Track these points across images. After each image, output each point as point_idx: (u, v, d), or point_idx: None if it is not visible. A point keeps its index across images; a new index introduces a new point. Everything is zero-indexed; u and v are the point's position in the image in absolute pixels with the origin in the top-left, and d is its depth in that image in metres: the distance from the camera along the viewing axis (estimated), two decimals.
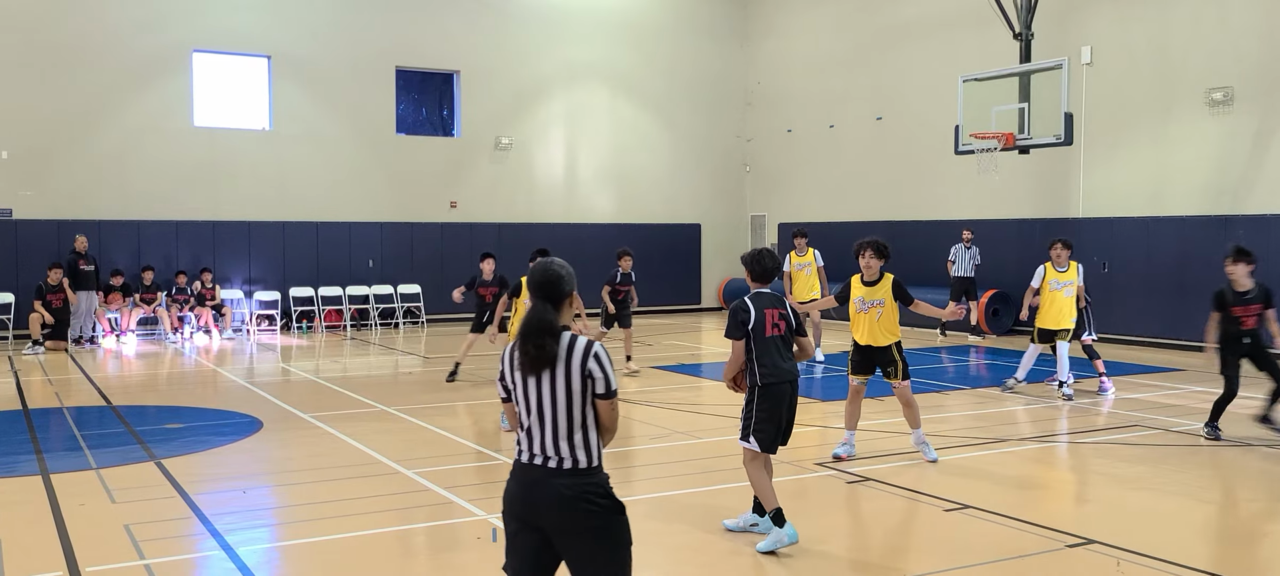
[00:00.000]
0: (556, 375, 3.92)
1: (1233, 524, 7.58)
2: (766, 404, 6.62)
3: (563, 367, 3.92)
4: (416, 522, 7.45)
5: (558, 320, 3.95)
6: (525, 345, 3.91)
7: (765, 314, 6.58)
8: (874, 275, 8.85)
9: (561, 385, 3.92)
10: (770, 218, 26.82)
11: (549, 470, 3.93)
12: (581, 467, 3.93)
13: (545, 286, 3.99)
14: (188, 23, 21.56)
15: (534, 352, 3.89)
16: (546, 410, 3.93)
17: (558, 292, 3.98)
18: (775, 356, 6.59)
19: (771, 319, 6.58)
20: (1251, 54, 16.72)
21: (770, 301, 6.64)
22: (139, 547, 6.68)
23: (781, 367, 6.60)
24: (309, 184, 22.66)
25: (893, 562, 6.53)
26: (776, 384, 6.60)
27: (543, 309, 3.95)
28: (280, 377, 15.33)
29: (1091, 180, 19.13)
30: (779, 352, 6.60)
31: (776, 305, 6.64)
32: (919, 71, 22.12)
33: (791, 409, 6.74)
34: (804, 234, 15.57)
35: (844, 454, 9.05)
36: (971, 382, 14.12)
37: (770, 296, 6.67)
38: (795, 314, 6.78)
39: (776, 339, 6.59)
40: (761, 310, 6.58)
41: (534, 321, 3.93)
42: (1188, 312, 17.25)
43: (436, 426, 10.90)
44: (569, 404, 3.92)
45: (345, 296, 22.68)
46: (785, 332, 6.62)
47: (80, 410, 12.22)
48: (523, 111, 24.85)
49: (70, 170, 20.70)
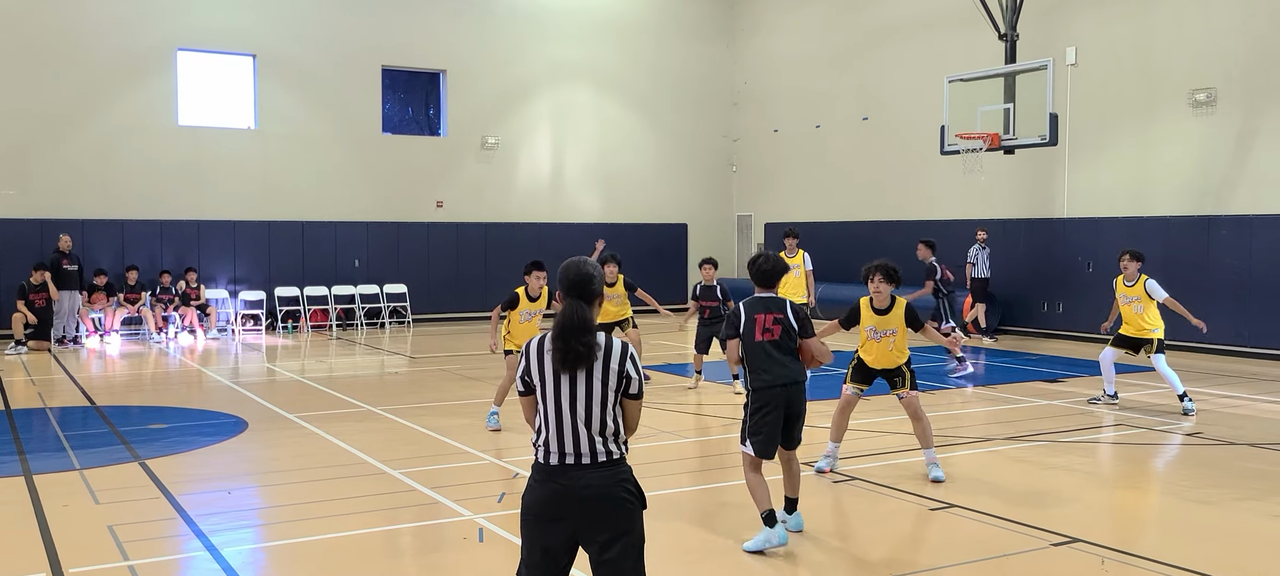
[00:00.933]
0: (592, 373, 3.99)
1: (1216, 521, 7.62)
2: (759, 408, 6.62)
3: (600, 367, 3.99)
4: (403, 523, 7.43)
5: (594, 319, 4.04)
6: (568, 343, 3.96)
7: (756, 318, 6.60)
8: (885, 302, 8.29)
9: (597, 383, 3.99)
10: (757, 217, 26.86)
11: (583, 466, 3.99)
12: (614, 459, 4.03)
13: (579, 284, 4.07)
14: (172, 21, 21.46)
15: (580, 350, 3.96)
16: (579, 407, 3.98)
17: (590, 291, 4.07)
18: (765, 360, 6.59)
19: (762, 323, 6.59)
20: (1234, 55, 16.83)
21: (764, 305, 6.65)
22: (123, 549, 6.64)
23: (774, 372, 6.59)
24: (294, 183, 22.58)
25: (878, 562, 6.54)
26: (767, 388, 6.60)
27: (579, 307, 4.03)
28: (265, 378, 15.27)
29: (1076, 180, 19.22)
30: (771, 357, 6.59)
31: (771, 309, 6.63)
32: (905, 72, 22.18)
33: (791, 412, 6.69)
34: (794, 234, 14.89)
35: (826, 467, 8.67)
36: (955, 383, 14.16)
37: (765, 300, 6.67)
38: (801, 318, 6.68)
39: (767, 344, 6.59)
40: (752, 314, 6.61)
41: (575, 320, 3.99)
42: (1171, 312, 17.32)
43: (423, 426, 10.88)
44: (604, 401, 4.00)
45: (331, 296, 22.61)
46: (780, 337, 6.59)
47: (64, 410, 12.15)
48: (509, 111, 24.82)
49: (53, 169, 20.58)
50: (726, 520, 7.82)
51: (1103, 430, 10.72)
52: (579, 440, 3.98)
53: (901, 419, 11.44)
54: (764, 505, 6.57)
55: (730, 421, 11.17)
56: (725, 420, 11.24)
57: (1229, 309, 16.26)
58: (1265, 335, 16.27)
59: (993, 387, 13.53)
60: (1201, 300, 17.28)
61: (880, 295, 8.32)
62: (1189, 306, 12.09)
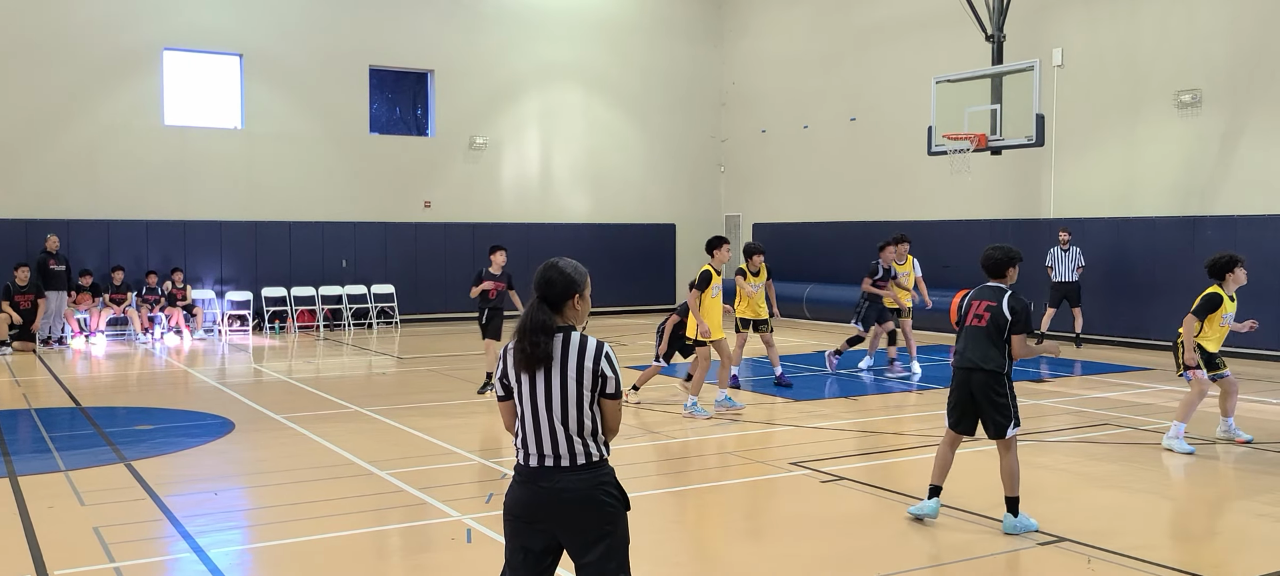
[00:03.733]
0: (566, 373, 3.97)
1: (1200, 520, 7.67)
2: (952, 384, 7.31)
3: (574, 366, 3.98)
4: (390, 524, 7.42)
5: (554, 320, 4.03)
6: (522, 342, 4.00)
7: (972, 304, 7.19)
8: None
9: (571, 383, 3.97)
10: (745, 218, 26.89)
11: (562, 469, 3.97)
12: (594, 461, 4.00)
13: (541, 287, 4.09)
14: (158, 20, 21.38)
15: (531, 350, 3.97)
16: (555, 406, 3.97)
17: (553, 293, 4.06)
18: (963, 342, 7.17)
19: (975, 309, 7.13)
20: (1219, 56, 16.93)
21: (982, 293, 7.17)
22: (109, 550, 6.61)
23: (962, 354, 7.15)
24: (281, 183, 22.51)
25: (864, 561, 6.56)
26: (955, 368, 7.26)
27: (539, 308, 4.04)
28: (252, 378, 15.22)
29: (1062, 181, 19.30)
30: (967, 340, 7.11)
31: (985, 298, 7.09)
32: (892, 72, 22.24)
33: (971, 396, 7.07)
34: (760, 251, 13.64)
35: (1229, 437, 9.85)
36: (949, 382, 14.17)
37: (986, 289, 7.16)
38: (1016, 312, 6.92)
39: (973, 327, 7.09)
40: (970, 299, 7.24)
41: (533, 320, 4.02)
42: (1157, 312, 17.45)
43: (410, 427, 10.86)
44: (580, 401, 3.97)
45: (318, 296, 22.55)
46: (987, 325, 6.99)
47: (49, 411, 12.08)
48: (497, 111, 24.80)
49: (39, 169, 20.47)
50: (712, 522, 7.83)
51: (1088, 429, 10.76)
52: (557, 441, 3.96)
53: (891, 417, 11.48)
54: (934, 479, 7.23)
55: (720, 422, 11.18)
56: (716, 421, 11.25)
57: None
58: (1248, 335, 16.31)
59: None
60: (1186, 300, 17.31)
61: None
62: (1176, 306, 12.12)
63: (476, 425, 11.20)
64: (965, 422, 7.17)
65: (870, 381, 14.13)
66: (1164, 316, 17.59)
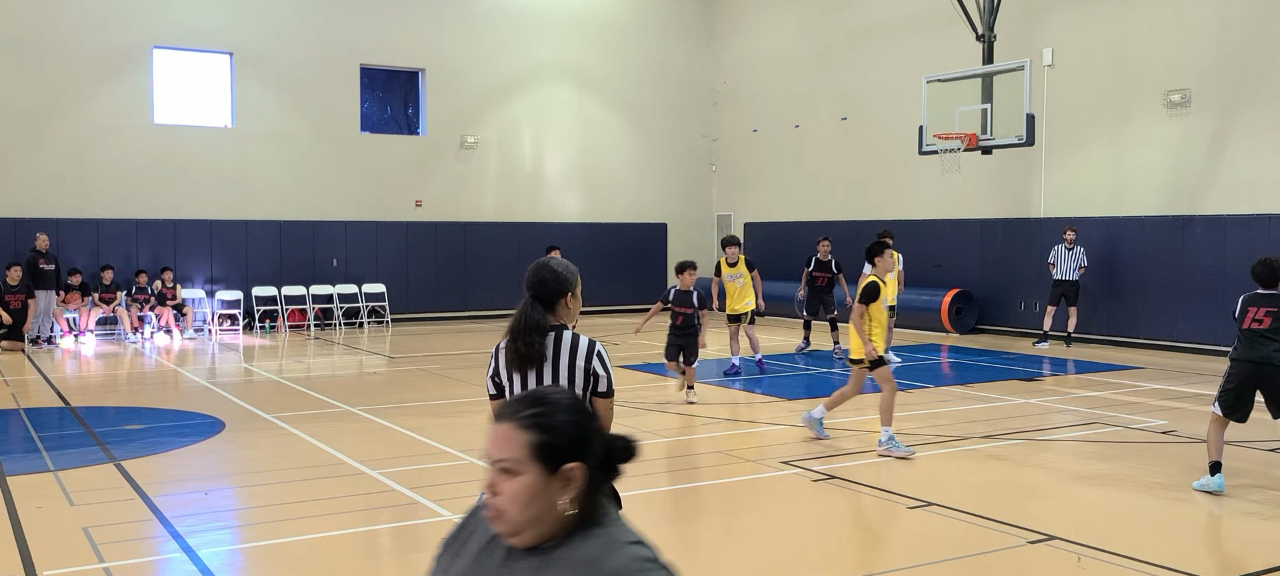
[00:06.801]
0: (557, 371, 3.99)
1: (1191, 518, 7.70)
2: (1229, 377, 8.02)
3: (566, 365, 3.99)
4: (382, 524, 7.41)
5: (546, 319, 4.05)
6: (516, 342, 4.02)
7: (1249, 310, 7.95)
8: None
9: (563, 382, 3.99)
10: (736, 217, 26.91)
11: None
12: None
13: (533, 286, 4.11)
14: (148, 18, 21.30)
15: (524, 350, 4.00)
16: None
17: (544, 292, 4.08)
18: (1247, 342, 7.95)
19: (1253, 315, 7.92)
20: (1208, 56, 16.99)
21: (1259, 300, 7.95)
22: (98, 550, 6.59)
23: (1250, 352, 7.91)
24: (272, 182, 22.45)
25: (856, 560, 6.57)
26: (1238, 362, 7.99)
27: (532, 307, 4.07)
28: (243, 378, 15.19)
29: (1053, 181, 19.35)
30: (1252, 342, 7.91)
31: (1264, 304, 7.90)
32: (883, 72, 22.27)
33: (1266, 388, 7.88)
34: (736, 243, 14.07)
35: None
36: (939, 381, 14.23)
37: (1262, 296, 7.94)
38: None
39: (1253, 330, 7.90)
40: (1246, 306, 7.98)
41: (526, 320, 4.04)
42: (1147, 311, 17.51)
43: (401, 426, 10.84)
44: None
45: (309, 296, 22.49)
46: (1270, 326, 7.82)
47: (38, 411, 12.03)
48: (489, 110, 24.77)
49: (27, 168, 20.39)
50: (704, 521, 7.84)
51: (1078, 428, 10.80)
52: None
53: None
54: (1212, 456, 7.98)
55: (712, 421, 11.19)
56: (707, 419, 11.26)
57: (1203, 308, 16.42)
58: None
59: (970, 386, 13.60)
60: (1176, 299, 17.48)
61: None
62: (1166, 305, 12.15)
63: (467, 424, 11.18)
64: (1241, 410, 8.02)
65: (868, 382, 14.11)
66: (1154, 315, 17.69)
